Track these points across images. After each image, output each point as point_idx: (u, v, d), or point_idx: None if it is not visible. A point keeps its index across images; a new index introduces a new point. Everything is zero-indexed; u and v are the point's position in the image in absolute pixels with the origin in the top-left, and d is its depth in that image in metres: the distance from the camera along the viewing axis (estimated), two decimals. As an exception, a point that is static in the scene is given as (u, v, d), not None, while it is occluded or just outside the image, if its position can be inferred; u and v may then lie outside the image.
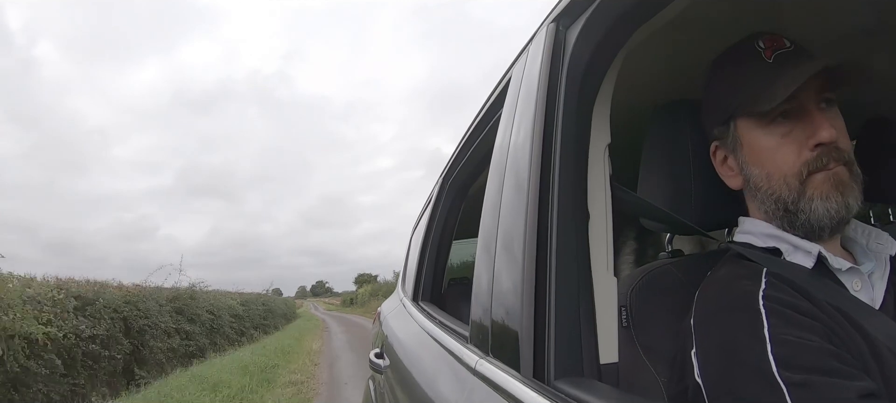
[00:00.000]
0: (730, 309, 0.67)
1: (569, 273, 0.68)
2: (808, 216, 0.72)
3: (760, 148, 0.76)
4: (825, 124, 0.71)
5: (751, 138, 0.77)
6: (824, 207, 0.71)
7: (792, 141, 0.73)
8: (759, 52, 0.76)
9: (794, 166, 0.73)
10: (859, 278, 0.73)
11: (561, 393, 0.58)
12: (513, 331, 0.72)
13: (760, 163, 0.76)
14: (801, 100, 0.72)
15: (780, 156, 0.74)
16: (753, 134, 0.76)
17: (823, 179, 0.72)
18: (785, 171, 0.74)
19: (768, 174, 0.75)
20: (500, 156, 0.94)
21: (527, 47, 0.96)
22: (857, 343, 0.63)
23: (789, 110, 0.73)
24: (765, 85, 0.73)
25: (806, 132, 0.72)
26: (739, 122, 0.78)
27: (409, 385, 1.22)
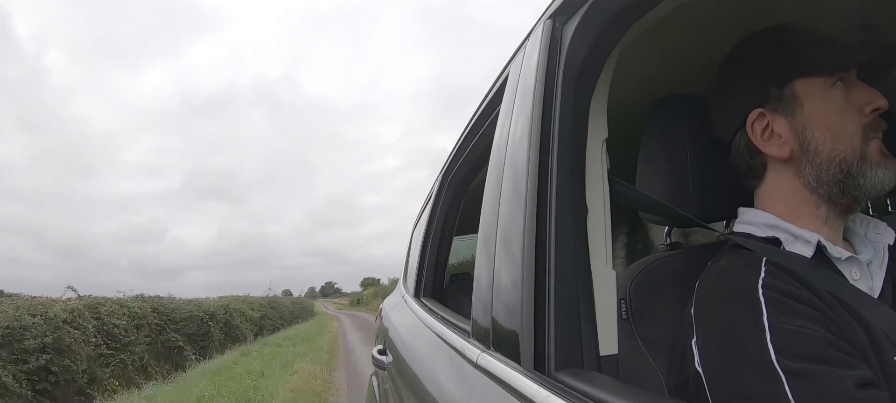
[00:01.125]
0: (729, 299, 0.68)
1: (568, 267, 0.68)
2: (870, 179, 0.72)
3: (827, 109, 0.74)
4: (877, 92, 0.73)
5: (814, 100, 0.75)
6: (884, 174, 0.73)
7: (852, 105, 0.74)
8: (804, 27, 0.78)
9: (859, 128, 0.73)
10: (858, 267, 0.73)
11: (562, 384, 0.59)
12: (513, 325, 0.73)
13: (827, 124, 0.74)
14: (851, 73, 0.75)
15: (847, 117, 0.74)
16: (818, 96, 0.75)
17: (877, 148, 0.73)
18: (852, 132, 0.73)
19: (834, 134, 0.74)
20: (498, 153, 0.95)
21: (524, 44, 0.97)
22: (856, 332, 0.64)
23: (842, 78, 0.75)
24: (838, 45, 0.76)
25: (862, 98, 0.74)
26: (800, 84, 0.76)
27: (413, 380, 1.23)
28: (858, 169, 0.73)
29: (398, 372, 1.47)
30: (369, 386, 2.37)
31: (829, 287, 0.69)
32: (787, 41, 0.78)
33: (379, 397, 1.95)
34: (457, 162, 1.70)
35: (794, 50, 0.77)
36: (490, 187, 0.96)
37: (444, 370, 1.02)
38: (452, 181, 1.81)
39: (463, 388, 0.87)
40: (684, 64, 0.87)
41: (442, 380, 1.01)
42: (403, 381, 1.36)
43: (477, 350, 0.83)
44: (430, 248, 1.90)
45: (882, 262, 0.76)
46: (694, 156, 0.86)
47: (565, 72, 0.77)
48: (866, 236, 0.78)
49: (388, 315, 2.12)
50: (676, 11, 0.77)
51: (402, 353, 1.50)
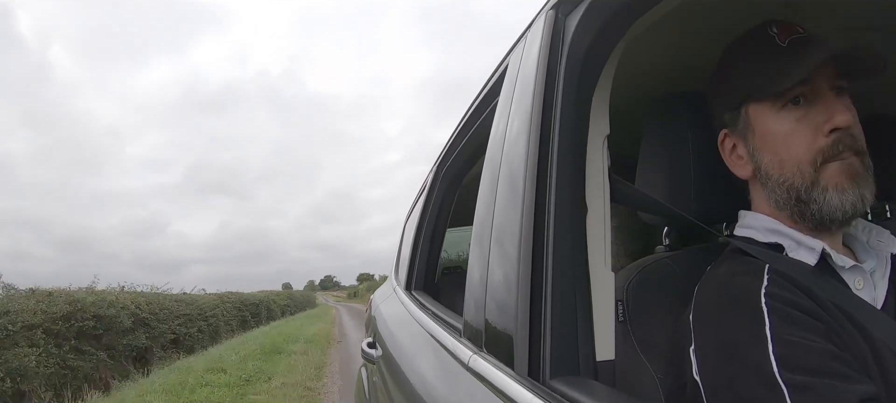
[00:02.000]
0: (730, 306, 0.65)
1: (565, 267, 0.66)
2: (821, 206, 0.70)
3: (773, 133, 0.73)
4: (841, 107, 0.69)
5: (763, 123, 0.74)
6: (840, 199, 0.69)
7: (806, 125, 0.71)
8: (772, 37, 0.73)
9: (808, 153, 0.70)
10: (862, 276, 0.71)
11: (556, 393, 0.56)
12: (507, 327, 0.70)
13: (773, 149, 0.73)
14: (815, 85, 0.70)
15: (793, 142, 0.71)
16: (766, 119, 0.74)
17: (838, 169, 0.69)
18: (799, 157, 0.71)
19: (781, 161, 0.73)
20: (495, 145, 0.92)
21: (525, 35, 0.94)
22: (859, 344, 0.62)
23: (803, 94, 0.71)
24: (780, 67, 0.71)
25: (821, 116, 0.70)
26: (751, 108, 0.75)
27: (402, 378, 1.21)
28: (807, 195, 0.70)
29: (387, 367, 1.45)
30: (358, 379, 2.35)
31: (833, 296, 0.66)
32: (738, 63, 0.78)
33: (368, 390, 1.93)
34: (452, 153, 1.67)
35: (743, 73, 0.76)
36: (486, 181, 0.93)
37: (434, 369, 1.00)
38: (447, 173, 1.78)
39: (453, 390, 0.85)
40: (688, 61, 0.85)
41: (431, 380, 0.99)
42: (392, 377, 1.34)
43: (469, 352, 0.81)
44: (422, 240, 1.87)
45: (885, 271, 0.74)
46: (696, 156, 0.84)
47: (567, 66, 0.75)
48: (869, 243, 0.76)
49: (378, 307, 2.09)
50: (682, 6, 0.74)
51: (392, 348, 1.47)
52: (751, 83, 0.74)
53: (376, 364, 1.64)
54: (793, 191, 0.72)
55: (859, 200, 0.69)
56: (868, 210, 1.05)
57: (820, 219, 0.71)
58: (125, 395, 6.47)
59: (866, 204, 0.70)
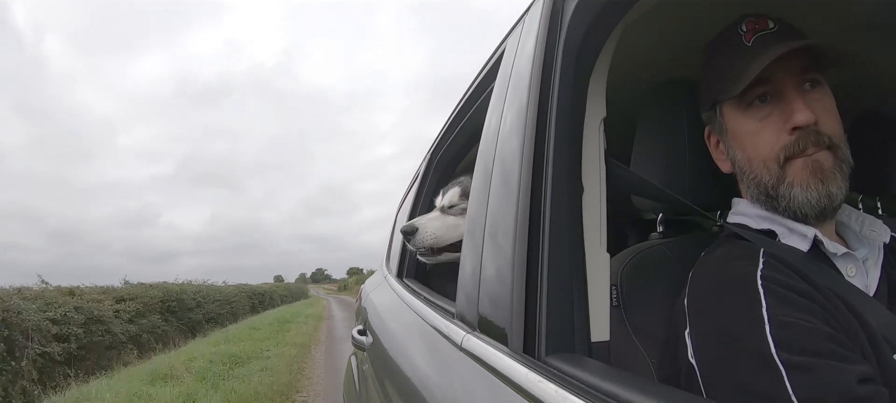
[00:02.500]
0: (726, 290, 0.66)
1: (562, 247, 0.66)
2: (788, 202, 0.71)
3: (742, 132, 0.75)
4: (801, 106, 0.70)
5: (733, 122, 0.77)
6: (804, 196, 0.70)
7: (770, 124, 0.73)
8: (740, 35, 0.75)
9: (772, 150, 0.72)
10: (854, 264, 0.72)
11: (553, 369, 0.56)
12: (503, 306, 0.70)
13: (743, 146, 0.76)
14: (779, 82, 0.71)
15: (759, 140, 0.73)
16: (735, 118, 0.76)
17: (802, 166, 0.71)
18: (764, 155, 0.73)
19: (749, 158, 0.75)
20: (492, 128, 0.92)
21: (523, 18, 0.94)
22: (855, 327, 0.62)
23: (768, 92, 0.72)
24: (739, 69, 0.72)
25: (783, 115, 0.71)
26: (723, 107, 0.78)
27: (393, 362, 1.21)
28: (775, 191, 0.72)
29: (378, 354, 1.44)
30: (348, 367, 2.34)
31: (827, 281, 0.67)
32: (711, 63, 0.79)
33: (357, 378, 1.92)
34: (446, 140, 1.66)
35: (714, 74, 0.78)
36: (481, 165, 0.93)
37: (426, 351, 0.99)
38: (441, 160, 1.78)
39: (446, 371, 0.84)
40: (686, 47, 0.85)
41: (423, 362, 0.99)
42: (383, 363, 1.33)
43: (462, 332, 0.81)
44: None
45: (877, 260, 0.74)
46: (691, 143, 0.84)
47: (565, 49, 0.75)
48: (861, 233, 0.77)
49: (369, 295, 2.08)
50: None
51: (382, 334, 1.47)
52: (718, 84, 0.76)
53: (367, 351, 1.63)
54: (762, 187, 0.74)
55: (824, 196, 0.70)
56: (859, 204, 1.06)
57: (792, 213, 0.72)
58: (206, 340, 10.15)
59: (835, 201, 0.71)
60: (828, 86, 0.75)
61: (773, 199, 0.73)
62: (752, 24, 0.75)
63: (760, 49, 0.72)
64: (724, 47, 0.77)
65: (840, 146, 0.72)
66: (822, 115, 0.71)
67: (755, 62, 0.70)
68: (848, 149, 0.74)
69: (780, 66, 0.69)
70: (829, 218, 0.74)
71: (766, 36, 0.73)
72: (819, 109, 0.71)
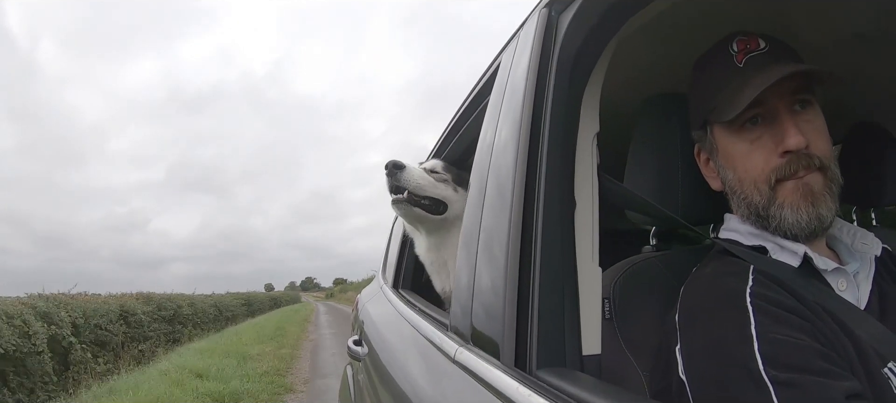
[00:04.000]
0: (716, 306, 0.66)
1: (553, 262, 0.66)
2: (779, 222, 0.72)
3: (732, 153, 0.76)
4: (793, 131, 0.70)
5: (724, 143, 0.77)
6: (794, 217, 0.71)
7: (761, 147, 0.73)
8: (731, 55, 0.75)
9: (762, 172, 0.73)
10: (845, 278, 0.73)
11: (544, 383, 0.56)
12: (495, 320, 0.70)
13: (733, 167, 0.76)
14: (771, 104, 0.72)
15: (749, 162, 0.74)
16: (726, 139, 0.76)
17: (793, 188, 0.71)
18: (755, 177, 0.73)
19: (740, 179, 0.75)
20: (487, 141, 0.92)
21: (517, 33, 0.95)
22: (844, 342, 0.63)
23: (759, 114, 0.73)
24: (732, 92, 0.73)
25: (775, 138, 0.72)
26: (714, 127, 0.78)
27: (388, 373, 1.21)
28: (765, 211, 0.73)
29: (373, 364, 1.44)
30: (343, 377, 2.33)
31: (817, 297, 0.67)
32: (701, 83, 0.80)
33: (353, 388, 1.92)
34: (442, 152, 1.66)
35: (703, 94, 0.78)
36: (476, 177, 0.93)
37: (421, 363, 0.99)
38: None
39: (439, 383, 0.84)
40: (679, 62, 0.85)
41: (417, 374, 0.99)
42: (378, 373, 1.33)
43: (455, 345, 0.81)
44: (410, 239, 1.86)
45: (868, 274, 0.75)
46: (684, 157, 0.84)
47: (559, 64, 0.75)
48: (852, 246, 0.78)
49: (365, 306, 2.08)
50: (674, 7, 0.75)
51: (378, 345, 1.47)
52: (709, 105, 0.77)
53: (362, 361, 1.63)
54: (752, 208, 0.74)
55: (815, 219, 0.71)
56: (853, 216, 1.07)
57: (783, 233, 0.73)
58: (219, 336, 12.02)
59: (824, 223, 0.72)
60: (818, 105, 0.75)
61: (763, 219, 0.74)
62: (743, 44, 0.75)
63: (752, 71, 0.73)
64: (714, 66, 0.78)
65: (830, 167, 0.73)
66: (813, 137, 0.72)
67: (748, 87, 0.70)
68: (837, 168, 0.74)
69: (772, 89, 0.69)
70: (820, 235, 0.75)
71: (758, 56, 0.74)
72: (810, 131, 0.72)
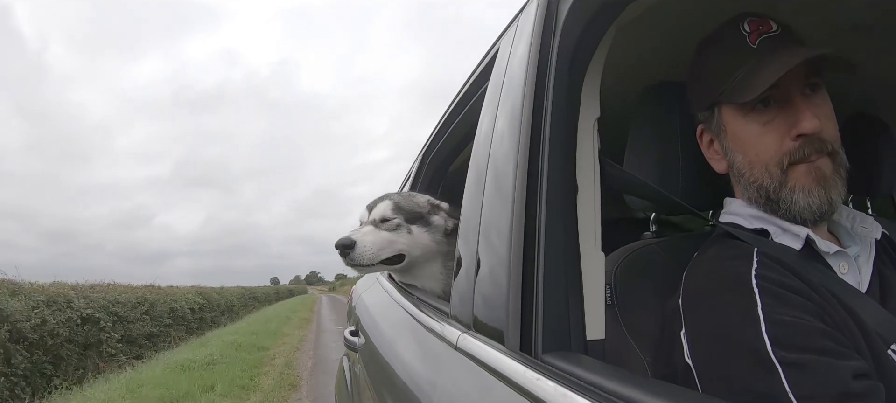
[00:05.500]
0: (721, 289, 0.66)
1: (557, 247, 0.66)
2: (790, 206, 0.72)
3: (743, 135, 0.75)
4: (808, 114, 0.70)
5: (734, 125, 0.76)
6: (806, 201, 0.71)
7: (774, 129, 0.72)
8: (744, 36, 0.74)
9: (775, 155, 0.72)
10: (846, 261, 0.73)
11: (551, 366, 0.56)
12: (499, 305, 0.70)
13: (743, 149, 0.75)
14: (784, 87, 0.71)
15: (761, 144, 0.73)
16: (736, 121, 0.75)
17: (805, 171, 0.71)
18: (766, 160, 0.73)
19: (750, 162, 0.75)
20: (486, 126, 0.92)
21: (517, 19, 0.94)
22: (849, 324, 0.63)
23: (772, 97, 0.72)
24: (747, 74, 0.72)
25: (788, 121, 0.71)
26: (723, 109, 0.77)
27: (386, 364, 1.20)
28: (776, 194, 0.73)
29: (370, 355, 1.44)
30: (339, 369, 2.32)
31: (820, 279, 0.68)
32: (710, 63, 0.79)
33: (349, 379, 1.91)
34: (439, 141, 1.66)
35: (714, 75, 0.77)
36: (475, 162, 0.93)
37: (420, 352, 0.99)
38: (433, 160, 1.77)
39: (442, 370, 0.84)
40: (681, 49, 0.85)
41: (418, 363, 0.98)
42: (376, 364, 1.32)
43: (457, 332, 0.81)
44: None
45: (869, 257, 0.75)
46: (684, 143, 0.84)
47: (559, 49, 0.75)
48: (853, 230, 0.78)
49: (361, 296, 2.07)
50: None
51: (375, 334, 1.46)
52: (720, 86, 0.76)
53: (359, 352, 1.62)
54: (762, 191, 0.74)
55: (826, 203, 0.71)
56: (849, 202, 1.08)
57: (791, 217, 0.73)
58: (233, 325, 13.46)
59: (834, 207, 0.72)
60: (826, 90, 0.75)
61: (773, 202, 0.73)
62: (756, 25, 0.74)
63: (768, 53, 0.72)
64: (724, 46, 0.77)
65: (839, 152, 0.73)
66: (824, 122, 0.72)
67: (767, 69, 0.70)
68: (844, 154, 0.74)
69: (786, 72, 0.69)
70: (823, 221, 0.75)
71: (772, 38, 0.73)
72: (821, 115, 0.72)
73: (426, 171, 1.82)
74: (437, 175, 1.81)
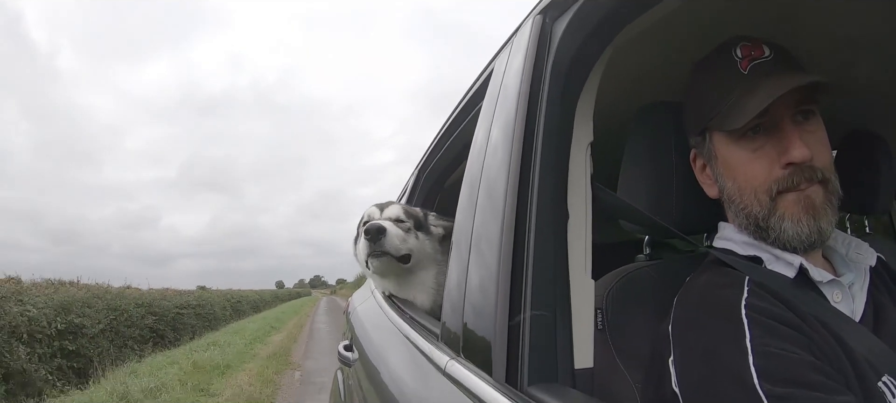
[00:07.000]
0: (710, 317, 0.65)
1: (546, 274, 0.65)
2: (779, 234, 0.71)
3: (733, 162, 0.75)
4: (797, 143, 0.69)
5: (724, 151, 0.76)
6: (795, 230, 0.70)
7: (763, 156, 0.72)
8: (735, 61, 0.74)
9: (764, 182, 0.72)
10: (840, 290, 0.72)
11: (534, 401, 0.55)
12: (486, 332, 0.69)
13: (733, 176, 0.75)
14: (774, 114, 0.71)
15: (751, 172, 0.73)
16: (726, 147, 0.75)
17: (795, 201, 0.70)
18: (755, 187, 0.72)
19: (740, 188, 0.74)
20: (478, 148, 0.91)
21: (511, 39, 0.93)
22: (839, 355, 0.62)
23: (762, 124, 0.72)
24: (736, 100, 0.72)
25: (778, 149, 0.71)
26: (714, 135, 0.77)
27: (378, 381, 1.19)
28: (765, 222, 0.72)
29: (363, 371, 1.43)
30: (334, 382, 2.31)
31: (812, 309, 0.67)
32: (702, 88, 0.78)
33: (343, 393, 1.90)
34: (434, 156, 1.65)
35: (705, 101, 0.77)
36: (467, 184, 0.92)
37: (411, 373, 0.98)
38: (429, 175, 1.77)
39: (429, 394, 0.83)
40: (676, 69, 0.85)
41: (407, 384, 0.97)
42: (368, 381, 1.31)
43: (445, 357, 0.79)
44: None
45: (863, 284, 0.74)
46: (678, 166, 0.84)
47: (553, 71, 0.74)
48: (847, 256, 0.77)
49: (356, 310, 2.06)
50: (672, 15, 0.74)
51: (368, 352, 1.45)
52: (711, 112, 0.75)
53: (353, 367, 1.61)
54: (751, 218, 0.73)
55: (815, 232, 0.70)
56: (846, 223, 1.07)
57: (781, 245, 0.72)
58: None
59: (824, 236, 0.71)
60: (819, 115, 0.74)
61: (762, 230, 0.73)
62: (748, 50, 0.74)
63: (758, 79, 0.71)
64: (716, 71, 0.76)
65: (831, 179, 0.72)
66: (816, 148, 0.71)
67: (755, 97, 0.69)
68: (837, 181, 0.73)
69: (776, 99, 0.68)
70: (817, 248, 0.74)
71: (763, 64, 0.73)
72: (812, 142, 0.71)
73: (423, 185, 1.82)
74: (433, 189, 1.80)
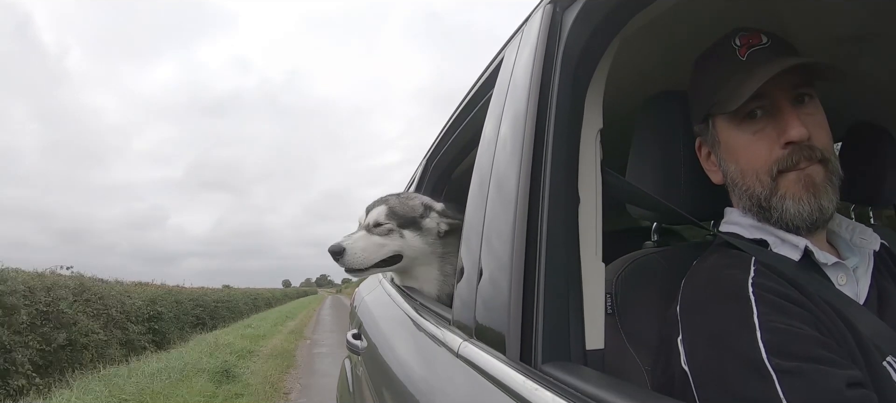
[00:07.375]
0: (718, 297, 0.67)
1: (558, 257, 0.67)
2: (781, 214, 0.73)
3: (735, 145, 0.77)
4: (795, 122, 0.71)
5: (726, 136, 0.78)
6: (796, 208, 0.72)
7: (763, 138, 0.74)
8: (734, 49, 0.76)
9: (765, 163, 0.74)
10: (844, 273, 0.73)
11: (550, 377, 0.57)
12: (500, 315, 0.71)
13: (735, 159, 0.77)
14: (773, 97, 0.73)
15: (752, 153, 0.75)
16: (728, 131, 0.77)
17: (795, 179, 0.72)
18: (756, 168, 0.74)
19: (742, 170, 0.76)
20: (490, 136, 0.92)
21: (521, 28, 0.95)
22: (844, 334, 0.63)
23: (761, 107, 0.74)
24: (735, 84, 0.74)
25: (777, 130, 0.73)
26: (716, 120, 0.79)
27: (388, 367, 1.20)
28: (767, 202, 0.74)
29: (372, 358, 1.44)
30: (342, 371, 2.33)
31: (817, 290, 0.68)
32: (703, 77, 0.80)
33: (351, 382, 1.92)
34: (443, 146, 1.66)
35: (706, 88, 0.79)
36: (478, 171, 0.93)
37: (422, 358, 1.00)
38: (438, 165, 1.78)
39: (443, 376, 0.85)
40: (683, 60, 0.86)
41: (420, 368, 0.99)
42: (378, 368, 1.33)
43: (458, 340, 0.81)
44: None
45: (867, 268, 0.76)
46: (686, 153, 0.85)
47: (563, 60, 0.76)
48: (852, 241, 0.79)
49: (364, 299, 2.07)
50: (680, 5, 0.75)
51: (377, 339, 1.47)
52: (712, 98, 0.78)
53: (361, 355, 1.63)
54: (754, 199, 0.75)
55: (816, 210, 0.72)
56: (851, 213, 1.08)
57: (784, 225, 0.74)
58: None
59: (826, 214, 0.73)
60: (818, 99, 0.76)
61: (765, 211, 0.75)
62: (746, 39, 0.76)
63: (755, 64, 0.74)
64: (716, 60, 0.79)
65: (831, 159, 0.74)
66: (815, 130, 0.73)
67: (752, 79, 0.71)
68: (838, 162, 0.75)
69: (774, 82, 0.70)
70: (820, 228, 0.76)
71: (760, 50, 0.75)
72: (811, 124, 0.73)
73: (430, 175, 1.83)
74: (441, 179, 1.81)
